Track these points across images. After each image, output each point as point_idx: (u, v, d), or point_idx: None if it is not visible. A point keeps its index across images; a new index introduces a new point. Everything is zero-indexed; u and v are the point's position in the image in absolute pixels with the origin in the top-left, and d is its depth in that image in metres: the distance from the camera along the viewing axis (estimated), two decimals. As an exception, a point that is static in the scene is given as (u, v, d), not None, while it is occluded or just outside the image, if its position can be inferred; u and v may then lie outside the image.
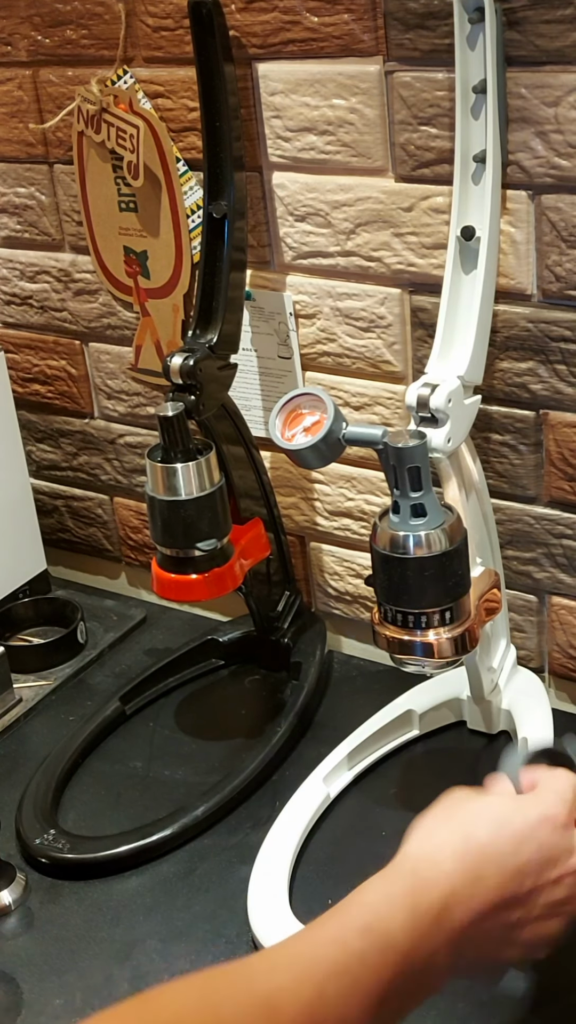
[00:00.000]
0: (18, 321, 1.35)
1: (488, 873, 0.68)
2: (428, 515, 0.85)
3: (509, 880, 0.69)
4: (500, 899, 0.68)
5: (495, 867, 0.68)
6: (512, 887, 0.69)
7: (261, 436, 1.13)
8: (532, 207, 0.97)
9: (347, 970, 0.62)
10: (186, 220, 1.15)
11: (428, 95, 0.98)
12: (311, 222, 1.09)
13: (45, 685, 1.22)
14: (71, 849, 1.00)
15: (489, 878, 0.68)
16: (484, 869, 0.68)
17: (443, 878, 0.67)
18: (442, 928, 0.66)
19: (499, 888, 0.68)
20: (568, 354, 1.01)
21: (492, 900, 0.68)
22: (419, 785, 1.05)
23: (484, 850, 0.69)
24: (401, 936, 0.64)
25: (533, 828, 0.70)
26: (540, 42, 0.92)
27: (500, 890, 0.68)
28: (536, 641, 1.14)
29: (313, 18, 1.01)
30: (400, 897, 0.66)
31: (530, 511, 1.09)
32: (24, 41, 1.19)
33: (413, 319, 1.08)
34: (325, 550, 1.24)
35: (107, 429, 1.35)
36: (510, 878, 0.69)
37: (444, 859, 0.68)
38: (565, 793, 0.73)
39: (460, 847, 0.68)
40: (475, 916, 0.67)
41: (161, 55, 1.11)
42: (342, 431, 0.89)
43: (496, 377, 1.04)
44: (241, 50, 1.05)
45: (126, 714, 1.17)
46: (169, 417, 1.00)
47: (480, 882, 0.68)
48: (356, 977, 0.62)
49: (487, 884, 0.68)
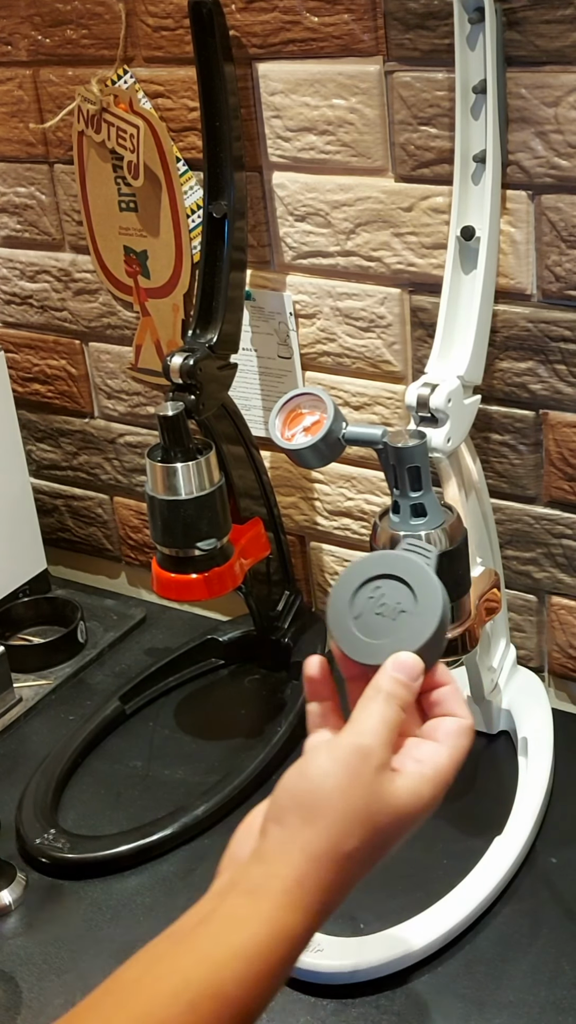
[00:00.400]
0: (18, 321, 1.35)
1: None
2: (428, 515, 0.85)
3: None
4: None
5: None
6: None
7: (261, 436, 1.13)
8: (532, 207, 0.97)
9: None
10: (186, 220, 1.15)
11: (428, 95, 0.98)
12: (311, 222, 1.09)
13: (45, 685, 1.23)
14: (71, 849, 1.00)
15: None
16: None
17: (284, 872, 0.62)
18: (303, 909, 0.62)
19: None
20: (568, 354, 1.01)
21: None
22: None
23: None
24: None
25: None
26: (540, 42, 0.92)
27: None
28: (536, 641, 1.14)
29: (313, 18, 1.01)
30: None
31: (530, 511, 1.09)
32: (24, 41, 1.19)
33: (413, 319, 1.08)
34: (325, 550, 1.24)
35: (107, 429, 1.35)
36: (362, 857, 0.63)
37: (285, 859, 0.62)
38: (460, 762, 0.67)
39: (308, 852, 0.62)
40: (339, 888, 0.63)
41: (161, 55, 1.11)
42: (342, 431, 0.89)
43: (496, 377, 1.04)
44: (241, 50, 1.05)
45: (126, 714, 1.17)
46: (169, 417, 1.00)
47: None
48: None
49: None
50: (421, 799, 0.64)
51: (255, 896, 0.61)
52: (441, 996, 0.85)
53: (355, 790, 0.63)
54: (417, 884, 0.93)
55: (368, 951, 0.87)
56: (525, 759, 1.02)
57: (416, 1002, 0.85)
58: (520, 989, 0.85)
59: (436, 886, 0.92)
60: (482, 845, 0.94)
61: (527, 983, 0.85)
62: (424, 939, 0.88)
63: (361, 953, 0.87)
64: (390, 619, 0.67)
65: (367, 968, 0.86)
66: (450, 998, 0.85)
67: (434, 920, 0.89)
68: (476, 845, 0.95)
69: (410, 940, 0.87)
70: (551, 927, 0.89)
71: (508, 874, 0.93)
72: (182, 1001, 0.58)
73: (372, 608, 0.67)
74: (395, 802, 0.63)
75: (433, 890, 0.91)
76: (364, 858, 0.63)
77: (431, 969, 0.87)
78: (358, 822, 0.62)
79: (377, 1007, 0.85)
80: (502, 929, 0.90)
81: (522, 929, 0.90)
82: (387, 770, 0.63)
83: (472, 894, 0.91)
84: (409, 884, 0.94)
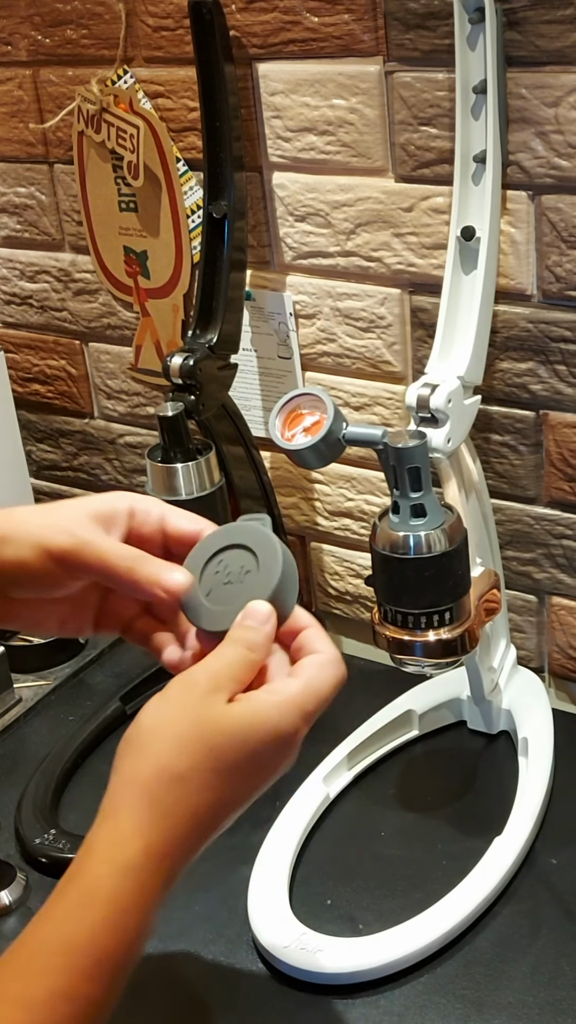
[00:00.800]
0: (18, 321, 1.35)
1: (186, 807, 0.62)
2: (428, 515, 0.85)
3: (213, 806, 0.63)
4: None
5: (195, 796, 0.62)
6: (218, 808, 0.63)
7: (261, 436, 1.13)
8: (532, 207, 0.97)
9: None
10: (186, 220, 1.15)
11: (428, 95, 0.98)
12: (311, 222, 1.09)
13: (45, 685, 1.22)
14: (71, 849, 0.99)
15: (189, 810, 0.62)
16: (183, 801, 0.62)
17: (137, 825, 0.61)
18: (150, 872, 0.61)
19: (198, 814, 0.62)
20: (568, 354, 1.01)
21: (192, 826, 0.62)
22: (419, 785, 1.05)
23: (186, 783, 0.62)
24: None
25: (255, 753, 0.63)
26: (540, 42, 0.92)
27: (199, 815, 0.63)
28: (536, 641, 1.14)
29: (313, 18, 1.01)
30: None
31: (530, 511, 1.09)
32: (24, 41, 1.19)
33: (413, 319, 1.08)
34: (325, 550, 1.24)
35: (107, 429, 1.35)
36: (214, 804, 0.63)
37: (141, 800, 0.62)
38: (324, 695, 0.65)
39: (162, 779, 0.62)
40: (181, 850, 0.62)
41: (161, 55, 1.11)
42: (342, 431, 0.89)
43: (496, 377, 1.04)
44: (241, 50, 1.05)
45: (126, 714, 1.17)
46: (169, 417, 1.00)
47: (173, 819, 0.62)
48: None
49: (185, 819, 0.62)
50: (264, 723, 0.63)
51: (92, 851, 0.61)
52: (440, 997, 0.85)
53: (180, 714, 0.63)
54: (417, 884, 0.93)
55: (368, 952, 0.87)
56: (525, 759, 1.02)
57: (415, 1003, 0.85)
58: (519, 990, 0.85)
59: (436, 886, 0.92)
60: (482, 845, 0.94)
61: (526, 984, 0.85)
62: (423, 940, 0.87)
63: (361, 954, 0.87)
64: (238, 583, 0.68)
65: (367, 969, 0.86)
66: (449, 999, 0.85)
67: (433, 921, 0.89)
68: (476, 845, 0.95)
69: (410, 941, 0.87)
70: (551, 928, 0.89)
71: (508, 875, 0.93)
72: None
73: (220, 580, 0.69)
74: (229, 723, 0.62)
75: (433, 890, 0.91)
76: (208, 781, 0.62)
77: (430, 970, 0.87)
78: (186, 742, 0.62)
79: (377, 1008, 0.85)
80: (502, 930, 0.90)
81: (522, 930, 0.89)
82: (218, 694, 0.63)
83: (471, 895, 0.91)
84: (409, 884, 0.94)
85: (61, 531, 0.70)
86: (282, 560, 0.67)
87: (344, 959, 0.87)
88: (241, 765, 0.63)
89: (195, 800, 0.62)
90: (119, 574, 0.69)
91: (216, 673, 0.64)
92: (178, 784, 0.62)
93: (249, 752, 0.63)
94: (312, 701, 0.65)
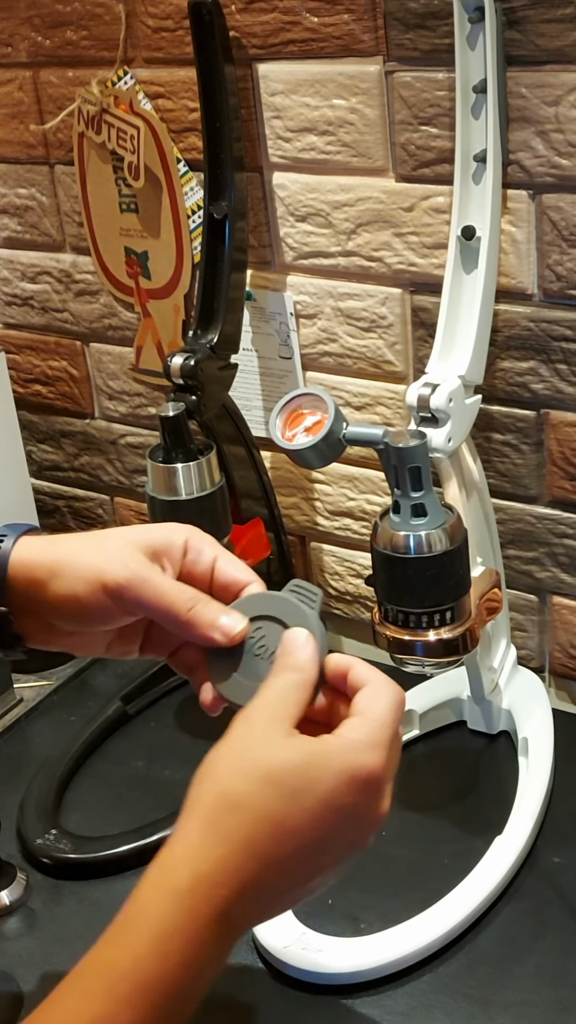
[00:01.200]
0: (19, 322, 1.35)
1: (277, 870, 0.60)
2: (429, 515, 0.85)
3: (300, 862, 0.60)
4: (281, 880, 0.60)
5: (285, 859, 0.60)
6: (303, 864, 0.60)
7: (262, 436, 1.13)
8: (533, 206, 0.97)
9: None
10: (187, 221, 1.15)
11: (428, 95, 0.98)
12: (312, 222, 1.09)
13: (46, 685, 1.23)
14: (72, 849, 1.00)
15: (280, 871, 0.60)
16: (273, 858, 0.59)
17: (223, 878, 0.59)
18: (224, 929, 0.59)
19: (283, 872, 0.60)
20: (569, 353, 1.01)
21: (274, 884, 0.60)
22: (419, 785, 1.05)
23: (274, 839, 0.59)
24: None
25: (332, 798, 0.60)
26: (540, 41, 0.92)
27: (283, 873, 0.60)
28: (537, 641, 1.14)
29: (313, 18, 1.01)
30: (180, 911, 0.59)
31: (531, 511, 1.09)
32: (24, 42, 1.19)
33: (414, 319, 1.08)
34: (326, 550, 1.24)
35: (108, 429, 1.35)
36: (301, 862, 0.60)
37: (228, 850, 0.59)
38: (385, 718, 0.62)
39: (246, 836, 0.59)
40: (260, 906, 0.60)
41: (161, 56, 1.11)
42: (343, 431, 0.89)
43: (497, 377, 1.04)
44: (241, 51, 1.05)
45: (128, 714, 1.17)
46: (170, 417, 1.00)
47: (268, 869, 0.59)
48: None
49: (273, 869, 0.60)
50: (329, 757, 0.60)
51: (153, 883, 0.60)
52: (445, 996, 0.85)
53: (240, 745, 0.61)
54: (417, 884, 0.93)
55: (369, 951, 0.87)
56: (525, 759, 1.02)
57: (419, 1002, 0.85)
58: (524, 989, 0.85)
59: (437, 886, 0.92)
60: (482, 845, 0.94)
61: (532, 983, 0.85)
62: (425, 939, 0.87)
63: (362, 953, 0.87)
64: (267, 661, 0.67)
65: (369, 968, 0.86)
66: (454, 997, 0.84)
67: (436, 920, 0.89)
68: (476, 845, 0.95)
69: (412, 940, 0.87)
70: (556, 927, 0.89)
71: (509, 874, 0.93)
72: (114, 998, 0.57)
73: (251, 649, 0.67)
74: (288, 751, 0.60)
75: (434, 889, 0.91)
76: (265, 811, 0.59)
77: (433, 969, 0.87)
78: (244, 769, 0.60)
79: (380, 1007, 0.85)
80: (505, 929, 0.90)
81: (526, 928, 0.89)
82: (277, 724, 0.61)
83: (473, 893, 0.91)
84: (409, 884, 0.94)
85: (118, 564, 0.67)
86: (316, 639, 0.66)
87: (346, 959, 0.87)
88: (304, 798, 0.60)
89: (252, 829, 0.59)
90: (178, 615, 0.66)
91: (270, 703, 0.63)
92: (233, 811, 0.59)
93: (312, 784, 0.60)
94: (377, 731, 0.62)
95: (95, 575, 0.67)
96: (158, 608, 0.67)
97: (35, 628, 0.72)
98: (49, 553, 0.69)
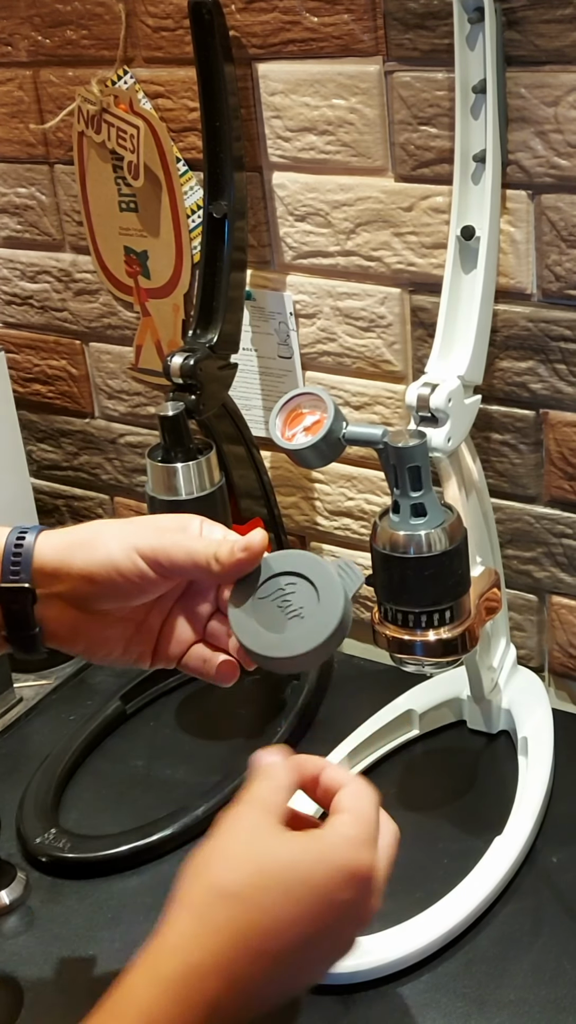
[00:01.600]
0: (19, 321, 1.35)
1: (273, 951, 0.60)
2: (428, 515, 0.85)
3: (300, 946, 0.60)
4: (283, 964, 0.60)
5: (283, 942, 0.60)
6: (302, 947, 0.60)
7: (261, 436, 1.13)
8: (532, 207, 0.97)
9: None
10: (186, 220, 1.15)
11: (428, 95, 0.98)
12: (311, 222, 1.09)
13: (46, 684, 1.23)
14: (72, 848, 1.00)
15: (276, 955, 0.60)
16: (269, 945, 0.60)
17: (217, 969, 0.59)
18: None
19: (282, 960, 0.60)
20: (568, 353, 1.01)
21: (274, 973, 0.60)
22: (419, 785, 1.05)
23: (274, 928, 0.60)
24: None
25: (330, 890, 0.61)
26: (540, 42, 0.92)
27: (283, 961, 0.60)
28: (536, 640, 1.14)
29: (313, 18, 1.01)
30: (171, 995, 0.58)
31: (530, 510, 1.09)
32: (24, 42, 1.19)
33: (413, 319, 1.08)
34: (326, 549, 1.24)
35: (108, 429, 1.35)
36: (301, 946, 0.60)
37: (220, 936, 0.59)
38: (372, 817, 0.65)
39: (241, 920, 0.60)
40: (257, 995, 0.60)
41: (161, 55, 1.11)
42: (342, 431, 0.89)
43: (496, 376, 1.04)
44: (241, 50, 1.05)
45: (127, 713, 1.17)
46: (170, 417, 1.00)
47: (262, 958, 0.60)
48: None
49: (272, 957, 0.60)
50: (320, 851, 0.62)
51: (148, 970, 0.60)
52: (442, 995, 0.85)
53: (230, 837, 0.62)
54: (417, 884, 0.93)
55: (368, 951, 0.87)
56: (525, 759, 1.02)
57: (417, 1002, 0.85)
58: (521, 988, 0.85)
59: (436, 886, 0.92)
60: (482, 845, 0.94)
61: (528, 982, 0.85)
62: (425, 939, 0.88)
63: (361, 953, 0.87)
64: (284, 616, 0.68)
65: (368, 968, 0.86)
66: (451, 997, 0.85)
67: (435, 920, 0.89)
68: (476, 845, 0.95)
69: (411, 940, 0.87)
70: (552, 926, 0.89)
71: (508, 873, 0.93)
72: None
73: (275, 603, 0.69)
74: (280, 845, 0.62)
75: (433, 889, 0.91)
76: (257, 902, 0.60)
77: (431, 968, 0.87)
78: (237, 861, 0.61)
79: (378, 1007, 0.85)
80: (503, 928, 0.90)
81: (523, 928, 0.90)
82: (268, 815, 0.63)
83: (472, 894, 0.91)
84: (409, 884, 0.94)
85: (147, 531, 0.71)
86: (343, 611, 0.68)
87: (345, 959, 0.87)
88: (299, 892, 0.60)
89: (243, 920, 0.59)
90: (208, 560, 0.70)
91: (257, 795, 0.64)
92: (225, 901, 0.60)
93: (308, 879, 0.61)
94: (370, 828, 0.64)
95: (129, 541, 0.70)
96: (188, 562, 0.70)
97: (61, 619, 0.73)
98: (78, 531, 0.73)
